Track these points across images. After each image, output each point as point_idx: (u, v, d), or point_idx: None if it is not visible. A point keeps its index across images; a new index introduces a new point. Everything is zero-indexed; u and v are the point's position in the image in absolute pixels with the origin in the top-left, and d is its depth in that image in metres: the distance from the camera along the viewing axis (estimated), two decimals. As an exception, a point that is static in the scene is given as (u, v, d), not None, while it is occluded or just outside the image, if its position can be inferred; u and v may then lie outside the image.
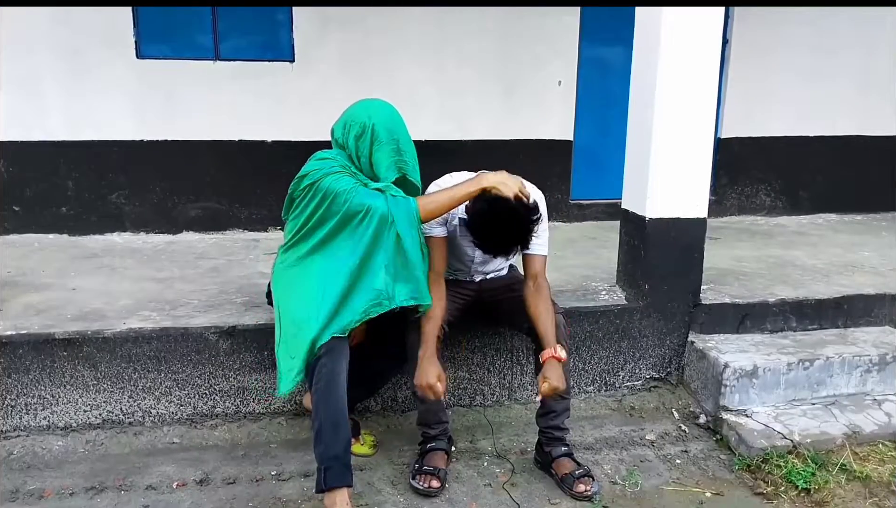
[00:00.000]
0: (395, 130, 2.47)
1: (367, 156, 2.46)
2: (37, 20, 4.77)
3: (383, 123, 2.45)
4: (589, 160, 5.77)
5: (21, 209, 5.00)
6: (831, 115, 5.98)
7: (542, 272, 2.68)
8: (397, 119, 2.51)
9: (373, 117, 2.45)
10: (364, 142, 2.45)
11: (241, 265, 4.17)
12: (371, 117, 2.45)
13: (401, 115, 2.53)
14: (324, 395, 2.32)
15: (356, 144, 2.46)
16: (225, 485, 2.63)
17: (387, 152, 2.45)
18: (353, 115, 2.49)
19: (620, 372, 3.38)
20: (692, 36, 3.05)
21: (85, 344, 2.88)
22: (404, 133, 2.51)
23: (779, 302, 3.46)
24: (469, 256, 2.77)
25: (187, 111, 5.08)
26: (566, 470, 2.61)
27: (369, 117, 2.45)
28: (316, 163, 2.47)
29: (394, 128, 2.47)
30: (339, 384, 2.33)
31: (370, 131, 2.43)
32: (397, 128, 2.48)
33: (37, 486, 2.60)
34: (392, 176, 2.47)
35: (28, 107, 4.88)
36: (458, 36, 5.33)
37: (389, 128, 2.46)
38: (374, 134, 2.43)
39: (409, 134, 2.54)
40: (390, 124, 2.47)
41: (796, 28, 5.73)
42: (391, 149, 2.46)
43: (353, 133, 2.46)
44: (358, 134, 2.45)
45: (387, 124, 2.46)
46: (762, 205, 6.09)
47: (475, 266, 2.83)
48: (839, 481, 2.65)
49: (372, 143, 2.44)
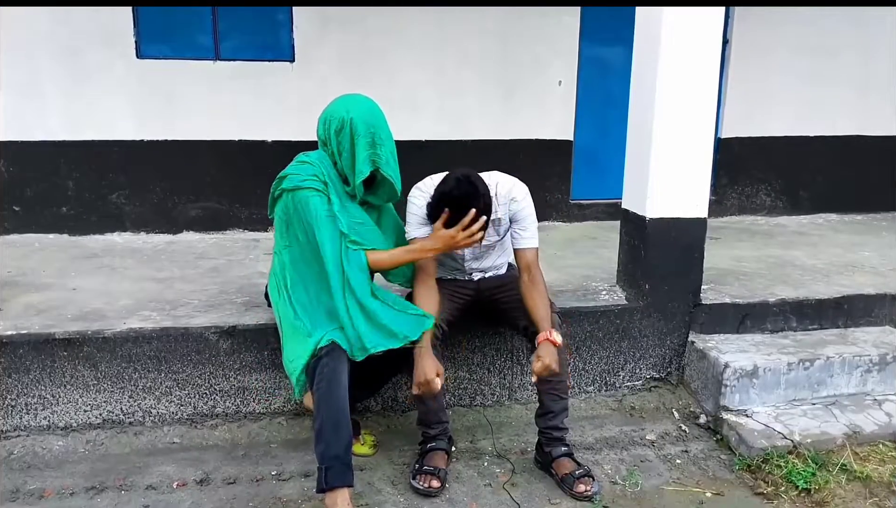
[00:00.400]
0: (373, 124, 2.47)
1: (349, 150, 2.47)
2: (37, 20, 4.77)
3: (361, 117, 2.46)
4: (589, 160, 5.77)
5: (21, 209, 5.00)
6: (831, 115, 5.98)
7: (534, 263, 2.70)
8: (376, 113, 2.51)
9: (351, 111, 2.46)
10: (344, 137, 2.47)
11: (241, 265, 4.17)
12: (349, 111, 2.46)
13: (381, 110, 2.54)
14: (325, 395, 2.32)
15: (337, 139, 2.48)
16: (225, 485, 2.63)
17: (363, 145, 2.46)
18: (332, 111, 2.51)
19: (621, 372, 3.38)
20: (692, 36, 3.05)
21: (85, 344, 2.88)
22: (383, 126, 2.51)
23: (779, 302, 3.46)
24: (460, 253, 2.78)
25: (187, 111, 5.08)
26: (566, 470, 2.61)
27: (347, 111, 2.47)
28: (296, 167, 2.52)
29: (372, 121, 2.48)
30: (340, 384, 2.33)
31: (349, 125, 2.45)
32: (375, 122, 2.49)
33: (37, 486, 2.60)
34: (367, 169, 2.48)
35: (28, 107, 4.88)
36: (458, 36, 5.33)
37: (367, 121, 2.47)
38: (353, 127, 2.45)
39: (390, 129, 2.54)
40: (368, 118, 2.48)
41: (796, 28, 5.73)
42: (367, 142, 2.46)
43: (333, 128, 2.48)
44: (338, 129, 2.47)
45: (365, 117, 2.47)
46: (762, 205, 6.09)
47: (469, 263, 2.83)
48: (839, 481, 2.65)
49: (352, 137, 2.46)
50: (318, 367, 2.35)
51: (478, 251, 2.79)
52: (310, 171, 2.49)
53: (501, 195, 2.66)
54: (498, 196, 2.65)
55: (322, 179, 2.48)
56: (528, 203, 2.71)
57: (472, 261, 2.83)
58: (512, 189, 2.68)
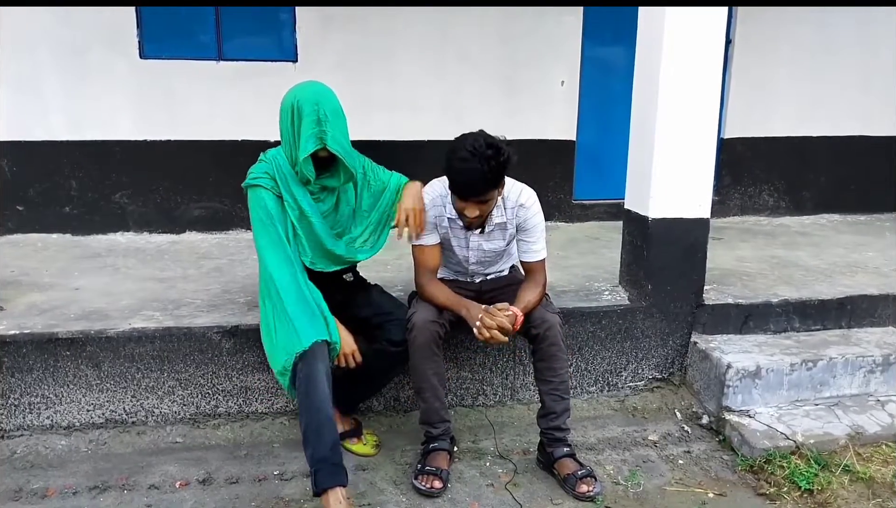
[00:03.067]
0: (317, 102, 2.41)
1: (296, 132, 2.43)
2: (40, 20, 4.77)
3: (306, 97, 2.42)
4: (591, 160, 5.77)
5: (24, 208, 5.01)
6: (834, 116, 5.96)
7: (541, 271, 2.72)
8: (323, 91, 2.46)
9: (297, 95, 2.44)
10: (296, 123, 2.43)
11: (243, 265, 4.17)
12: (296, 96, 2.44)
13: (331, 91, 2.48)
14: (304, 399, 2.33)
15: (291, 129, 2.45)
16: (227, 485, 2.63)
17: (308, 124, 2.41)
18: (283, 103, 2.48)
19: (623, 372, 3.38)
20: (695, 36, 3.05)
21: (88, 344, 2.89)
22: (329, 103, 2.43)
23: (782, 303, 3.46)
24: (464, 256, 2.78)
25: (190, 111, 5.09)
26: (568, 471, 2.61)
27: (294, 96, 2.44)
28: (255, 166, 2.54)
29: (317, 99, 2.41)
30: (317, 387, 2.33)
31: (295, 108, 2.42)
32: (321, 99, 2.42)
33: (40, 485, 2.61)
34: (311, 146, 2.41)
35: (31, 106, 4.89)
36: (460, 36, 5.33)
37: (312, 99, 2.41)
38: (299, 108, 2.41)
39: (342, 110, 2.47)
40: (313, 96, 2.42)
41: (799, 28, 5.72)
42: (311, 120, 2.40)
43: (286, 120, 2.46)
44: (288, 117, 2.44)
45: (309, 97, 2.42)
46: (765, 206, 6.08)
47: (472, 267, 2.83)
48: (842, 482, 2.64)
49: (299, 118, 2.41)
50: (294, 372, 2.36)
51: (483, 258, 2.79)
52: (262, 169, 2.50)
53: (509, 200, 2.65)
54: (506, 200, 2.64)
55: (271, 176, 2.48)
56: (536, 210, 2.68)
57: (476, 266, 2.83)
58: (520, 194, 2.66)
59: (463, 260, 2.79)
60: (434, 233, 2.69)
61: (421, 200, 2.64)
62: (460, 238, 2.72)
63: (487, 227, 2.68)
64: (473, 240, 2.72)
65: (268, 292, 2.48)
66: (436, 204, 2.67)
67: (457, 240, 2.73)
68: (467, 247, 2.74)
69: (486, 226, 2.68)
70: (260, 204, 2.49)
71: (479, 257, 2.78)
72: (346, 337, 2.54)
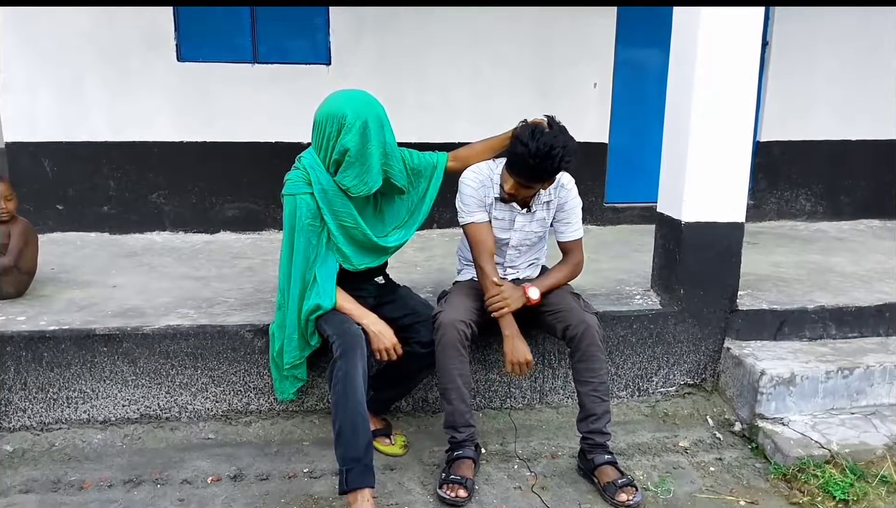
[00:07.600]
0: (384, 126, 2.47)
1: (359, 152, 2.43)
2: (80, 23, 4.89)
3: (372, 121, 2.45)
4: (624, 163, 5.72)
5: (64, 208, 5.13)
6: (874, 118, 5.83)
7: (577, 249, 2.83)
8: (384, 117, 2.49)
9: (360, 112, 2.43)
10: (355, 143, 2.41)
11: (275, 265, 4.18)
12: (358, 114, 2.42)
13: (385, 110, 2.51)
14: (341, 398, 2.34)
15: (347, 145, 2.41)
16: (258, 481, 2.67)
17: (375, 155, 2.45)
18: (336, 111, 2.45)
19: (654, 377, 3.34)
20: (731, 37, 3.01)
21: (124, 340, 2.95)
22: (391, 132, 2.50)
23: (818, 309, 3.39)
24: (505, 238, 2.80)
25: (225, 113, 5.17)
26: (609, 479, 2.57)
27: (357, 114, 2.42)
28: (292, 172, 2.53)
29: (383, 124, 2.47)
30: (355, 385, 2.34)
31: (364, 129, 2.41)
32: (386, 126, 2.49)
33: (77, 477, 2.67)
34: (378, 182, 2.48)
35: (72, 107, 5.02)
36: (493, 38, 5.33)
37: (377, 124, 2.45)
38: (365, 130, 2.41)
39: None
40: (378, 121, 2.45)
41: (838, 29, 5.61)
42: (379, 153, 2.46)
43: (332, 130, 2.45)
44: (344, 131, 2.41)
45: (374, 122, 2.44)
46: (802, 210, 5.97)
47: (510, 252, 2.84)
48: (879, 493, 2.59)
49: (365, 143, 2.41)
50: (332, 370, 2.38)
51: (524, 240, 2.82)
52: (299, 176, 2.49)
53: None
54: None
55: (307, 180, 2.47)
56: (575, 192, 2.79)
57: (514, 251, 2.84)
58: (561, 176, 2.72)
59: (503, 242, 2.81)
60: (483, 211, 2.71)
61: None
62: (504, 219, 2.75)
63: (534, 206, 2.74)
64: (519, 220, 2.75)
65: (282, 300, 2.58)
66: (485, 184, 2.72)
67: (499, 222, 2.76)
68: (511, 228, 2.76)
69: (533, 205, 2.74)
70: (295, 212, 2.47)
71: (520, 239, 2.80)
72: (386, 331, 2.56)
